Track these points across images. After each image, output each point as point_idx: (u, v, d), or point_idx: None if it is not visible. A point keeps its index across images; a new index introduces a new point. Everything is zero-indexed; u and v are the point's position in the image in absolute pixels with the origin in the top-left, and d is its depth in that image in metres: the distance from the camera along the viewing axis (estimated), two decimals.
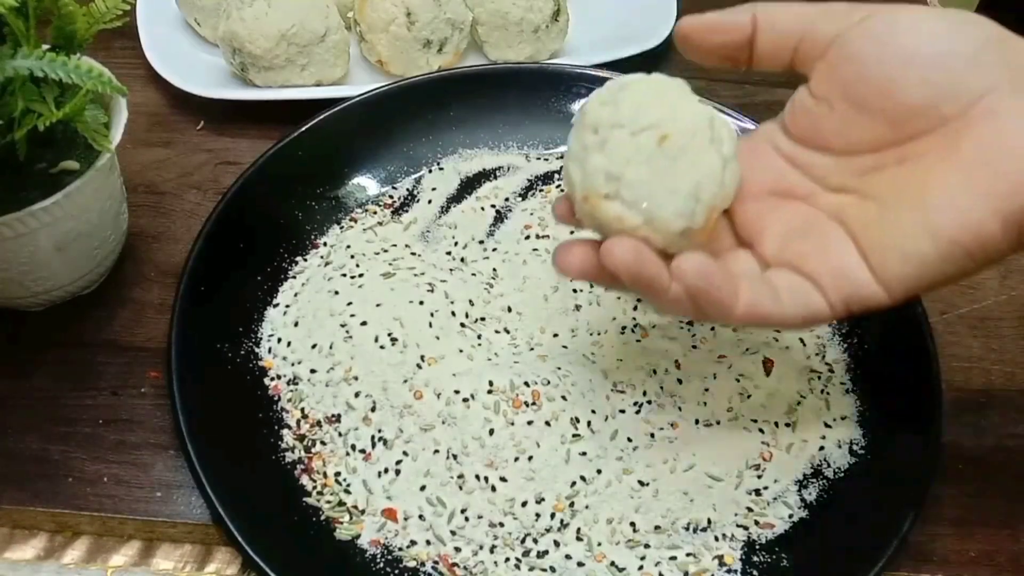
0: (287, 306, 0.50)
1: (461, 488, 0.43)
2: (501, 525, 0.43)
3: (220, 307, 0.49)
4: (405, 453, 0.44)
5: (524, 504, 0.43)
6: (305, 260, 0.52)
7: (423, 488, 0.44)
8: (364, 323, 0.48)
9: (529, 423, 0.45)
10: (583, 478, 0.44)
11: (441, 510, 0.43)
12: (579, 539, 0.43)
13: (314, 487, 0.44)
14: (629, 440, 0.45)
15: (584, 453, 0.44)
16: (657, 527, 0.43)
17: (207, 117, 0.62)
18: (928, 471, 0.44)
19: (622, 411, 0.46)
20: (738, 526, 0.43)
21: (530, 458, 0.44)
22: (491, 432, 0.44)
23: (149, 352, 0.49)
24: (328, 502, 0.44)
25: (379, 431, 0.45)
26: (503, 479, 0.43)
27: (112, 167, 0.48)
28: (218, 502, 0.41)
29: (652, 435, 0.45)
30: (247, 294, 0.50)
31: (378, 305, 0.49)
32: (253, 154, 0.54)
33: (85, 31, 0.44)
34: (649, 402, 0.46)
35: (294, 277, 0.52)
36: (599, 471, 0.44)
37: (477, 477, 0.44)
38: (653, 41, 0.65)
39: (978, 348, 0.53)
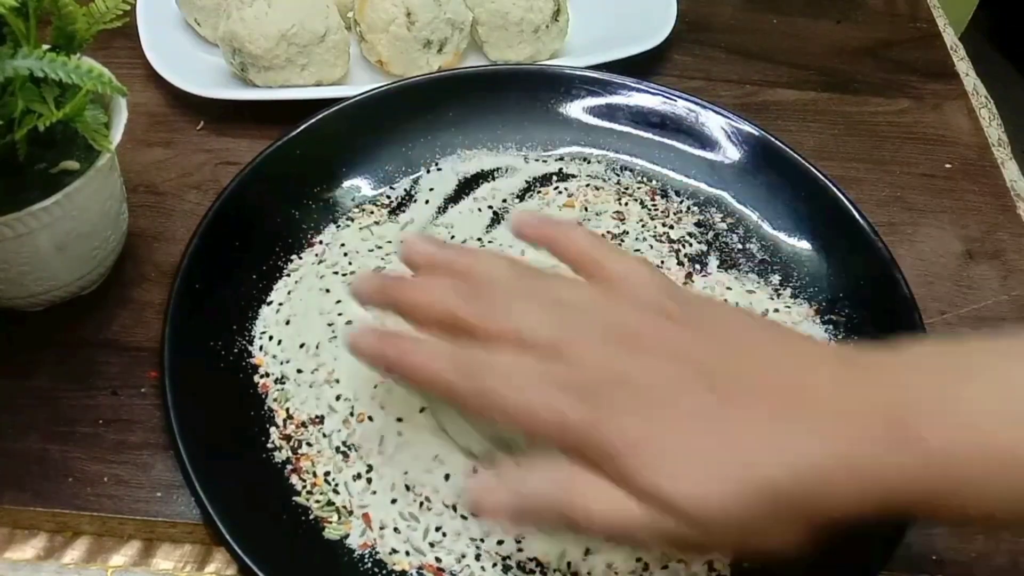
0: (280, 304, 0.50)
1: (430, 509, 0.42)
2: (483, 540, 0.41)
3: (215, 305, 0.49)
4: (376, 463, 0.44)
5: (500, 543, 0.41)
6: (300, 258, 0.52)
7: (394, 502, 0.43)
8: (350, 322, 0.48)
9: None
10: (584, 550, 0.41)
11: (415, 524, 0.42)
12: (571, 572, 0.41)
13: (303, 486, 0.44)
14: None
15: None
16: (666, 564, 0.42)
17: (207, 117, 0.62)
18: None
19: None
20: None
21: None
22: (446, 477, 0.42)
23: (149, 352, 0.49)
24: (317, 501, 0.43)
25: (357, 435, 0.44)
26: (474, 514, 0.42)
27: (112, 167, 0.48)
28: (207, 499, 0.41)
29: None
30: (242, 292, 0.50)
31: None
32: (253, 154, 0.54)
33: (85, 31, 0.44)
34: None
35: (288, 275, 0.51)
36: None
37: (444, 504, 0.42)
38: (653, 41, 0.65)
39: None
